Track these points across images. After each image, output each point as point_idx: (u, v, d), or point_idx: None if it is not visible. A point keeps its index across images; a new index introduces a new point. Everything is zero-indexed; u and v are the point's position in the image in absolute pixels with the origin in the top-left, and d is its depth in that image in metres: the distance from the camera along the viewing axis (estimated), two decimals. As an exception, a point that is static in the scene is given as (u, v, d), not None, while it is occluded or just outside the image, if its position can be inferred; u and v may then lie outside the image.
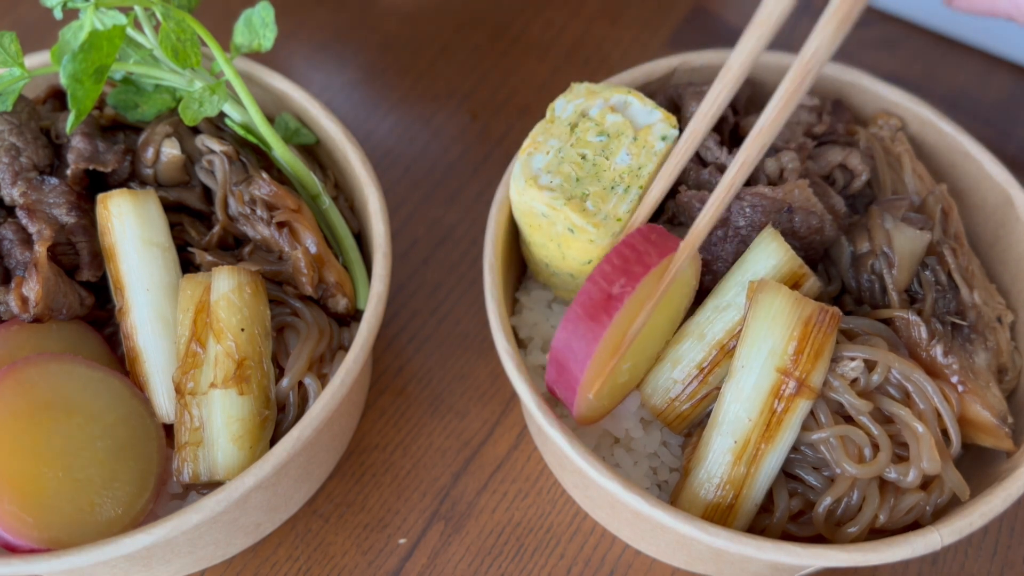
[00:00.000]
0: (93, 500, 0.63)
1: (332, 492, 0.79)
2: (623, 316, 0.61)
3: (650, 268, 0.60)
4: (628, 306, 0.60)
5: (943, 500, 0.65)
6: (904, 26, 1.12)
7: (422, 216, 0.96)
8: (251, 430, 0.66)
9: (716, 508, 0.64)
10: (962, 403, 0.65)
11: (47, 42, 0.93)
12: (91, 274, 0.71)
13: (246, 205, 0.73)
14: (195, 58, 0.71)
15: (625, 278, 0.60)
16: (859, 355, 0.63)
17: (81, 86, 0.64)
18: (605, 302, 0.60)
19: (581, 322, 0.60)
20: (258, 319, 0.68)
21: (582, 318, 0.60)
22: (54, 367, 0.65)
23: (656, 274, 0.62)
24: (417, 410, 0.84)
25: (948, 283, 0.70)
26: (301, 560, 0.76)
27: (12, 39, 0.68)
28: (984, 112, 1.05)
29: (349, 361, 0.67)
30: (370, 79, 1.07)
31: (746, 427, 0.62)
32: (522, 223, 0.72)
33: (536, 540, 0.77)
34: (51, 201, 0.70)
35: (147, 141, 0.73)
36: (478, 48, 1.09)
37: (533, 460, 0.81)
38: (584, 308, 0.60)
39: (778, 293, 0.63)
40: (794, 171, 0.72)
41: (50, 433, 0.63)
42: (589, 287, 0.61)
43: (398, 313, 0.90)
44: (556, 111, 0.71)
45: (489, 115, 1.04)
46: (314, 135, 0.81)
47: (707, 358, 0.66)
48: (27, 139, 0.71)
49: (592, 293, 0.60)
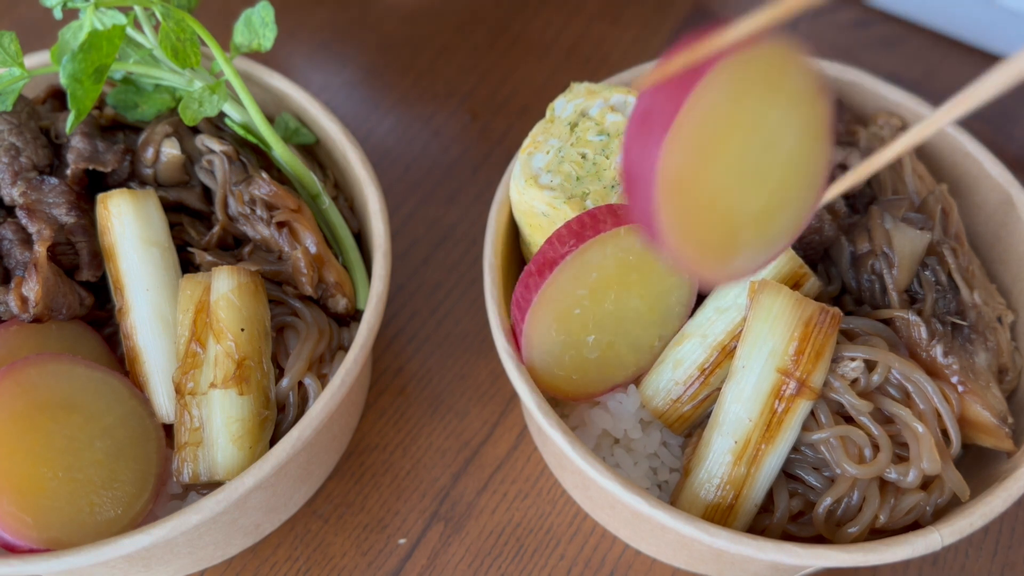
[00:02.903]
0: (92, 500, 0.63)
1: (332, 492, 0.79)
2: (573, 276, 0.64)
3: (600, 232, 0.63)
4: (582, 269, 0.64)
5: (943, 500, 0.65)
6: (904, 26, 1.12)
7: (422, 216, 0.96)
8: (251, 430, 0.66)
9: (716, 508, 0.64)
10: (962, 403, 0.65)
11: (47, 42, 0.93)
12: (91, 274, 0.71)
13: (246, 205, 0.73)
14: (195, 58, 0.71)
15: (575, 239, 0.64)
16: (859, 355, 0.63)
17: (81, 86, 0.64)
18: (552, 260, 0.64)
19: (531, 277, 0.65)
20: (258, 319, 0.68)
21: (532, 274, 0.65)
22: (54, 367, 0.65)
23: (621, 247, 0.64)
24: (417, 410, 0.84)
25: (948, 283, 0.70)
26: (301, 561, 0.76)
27: (12, 39, 0.68)
28: (984, 112, 1.04)
29: (349, 361, 0.67)
30: (370, 79, 1.07)
31: (746, 427, 0.62)
32: (522, 223, 0.72)
33: (536, 540, 0.77)
34: (51, 201, 0.70)
35: (147, 141, 0.73)
36: (478, 48, 1.09)
37: (533, 460, 0.81)
38: (535, 264, 0.65)
39: (779, 294, 0.63)
40: (794, 171, 0.72)
41: (49, 433, 0.63)
42: (544, 247, 0.65)
43: (398, 313, 0.90)
44: (556, 111, 0.71)
45: (489, 115, 1.04)
46: (314, 135, 0.81)
47: (708, 359, 0.66)
48: (27, 139, 0.71)
49: (545, 252, 0.65)
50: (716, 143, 0.48)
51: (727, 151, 0.49)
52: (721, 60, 0.45)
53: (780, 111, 0.50)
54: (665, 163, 0.46)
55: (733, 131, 0.48)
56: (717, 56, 0.45)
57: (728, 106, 0.47)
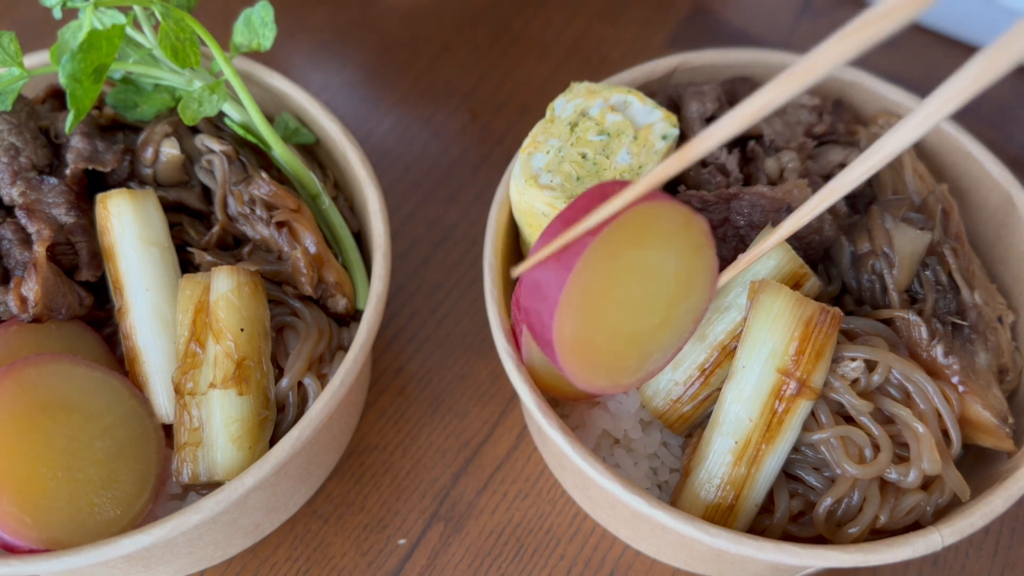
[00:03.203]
0: (92, 500, 0.63)
1: (332, 493, 0.79)
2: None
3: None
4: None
5: (944, 500, 0.64)
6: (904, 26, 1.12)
7: (422, 216, 0.96)
8: (250, 430, 0.66)
9: (716, 509, 0.64)
10: (963, 403, 0.65)
11: (46, 42, 0.93)
12: (90, 274, 0.71)
13: (245, 205, 0.73)
14: (194, 57, 0.71)
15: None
16: (860, 355, 0.63)
17: (80, 86, 0.64)
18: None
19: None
20: (257, 319, 0.68)
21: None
22: (53, 367, 0.65)
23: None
24: (417, 410, 0.84)
25: (949, 283, 0.70)
26: (300, 561, 0.76)
27: (11, 39, 0.68)
28: (985, 112, 1.05)
29: (349, 361, 0.67)
30: (370, 78, 1.07)
31: (747, 427, 0.62)
32: (522, 223, 0.72)
33: (536, 541, 0.77)
34: (50, 201, 0.70)
35: (146, 141, 0.73)
36: (478, 47, 1.09)
37: (533, 460, 0.81)
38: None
39: (779, 293, 0.63)
40: (794, 170, 0.72)
41: (49, 433, 0.63)
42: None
43: (398, 313, 0.90)
44: (556, 110, 0.71)
45: (489, 115, 1.04)
46: (313, 135, 0.81)
47: (708, 359, 0.66)
48: (26, 139, 0.71)
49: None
50: (600, 295, 0.57)
51: (611, 296, 0.58)
52: (596, 233, 0.54)
53: (656, 252, 0.59)
54: (558, 327, 0.56)
55: (614, 281, 0.57)
56: (591, 231, 0.55)
57: (608, 265, 0.56)
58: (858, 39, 0.45)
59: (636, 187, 0.55)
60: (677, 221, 0.58)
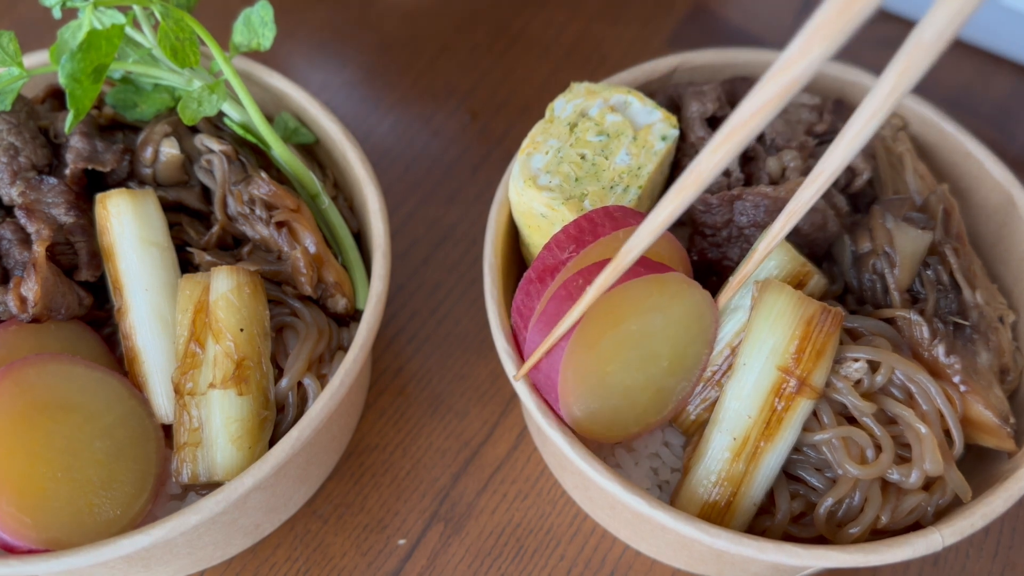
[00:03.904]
0: (92, 501, 0.63)
1: (331, 493, 0.79)
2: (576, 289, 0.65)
3: (599, 237, 0.62)
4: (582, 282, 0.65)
5: (945, 501, 0.64)
6: (904, 26, 1.11)
7: (422, 216, 0.96)
8: (250, 431, 0.66)
9: (713, 506, 0.64)
10: (964, 403, 0.65)
11: (46, 41, 0.93)
12: (90, 274, 0.71)
13: (245, 205, 0.72)
14: (194, 57, 0.71)
15: (574, 244, 0.63)
16: (863, 356, 0.63)
17: (80, 85, 0.64)
18: (553, 266, 0.63)
19: (531, 284, 0.64)
20: (257, 319, 0.68)
21: (532, 280, 0.64)
22: (52, 367, 0.65)
23: None
24: (417, 410, 0.84)
25: (950, 283, 0.69)
26: (300, 561, 0.76)
27: (11, 38, 0.68)
28: (986, 112, 1.05)
29: (348, 361, 0.67)
30: (369, 78, 1.06)
31: (746, 424, 0.62)
32: (521, 223, 0.72)
33: (536, 541, 0.77)
34: (49, 201, 0.70)
35: (146, 140, 0.73)
36: (478, 47, 1.09)
37: (533, 461, 0.81)
38: (535, 271, 0.64)
39: (781, 292, 0.63)
40: (796, 170, 0.72)
41: (49, 434, 0.63)
42: (543, 253, 0.64)
43: (397, 313, 0.90)
44: (555, 111, 0.71)
45: (489, 115, 1.04)
46: (313, 134, 0.81)
47: (719, 358, 0.66)
48: (25, 138, 0.71)
49: (544, 258, 0.64)
50: (597, 376, 0.62)
51: (610, 369, 0.62)
52: (572, 333, 0.59)
53: (643, 319, 0.62)
54: (567, 412, 0.63)
55: (608, 359, 0.61)
56: (566, 333, 0.59)
57: (592, 353, 0.61)
58: None
59: (619, 261, 0.55)
60: (655, 292, 0.61)
